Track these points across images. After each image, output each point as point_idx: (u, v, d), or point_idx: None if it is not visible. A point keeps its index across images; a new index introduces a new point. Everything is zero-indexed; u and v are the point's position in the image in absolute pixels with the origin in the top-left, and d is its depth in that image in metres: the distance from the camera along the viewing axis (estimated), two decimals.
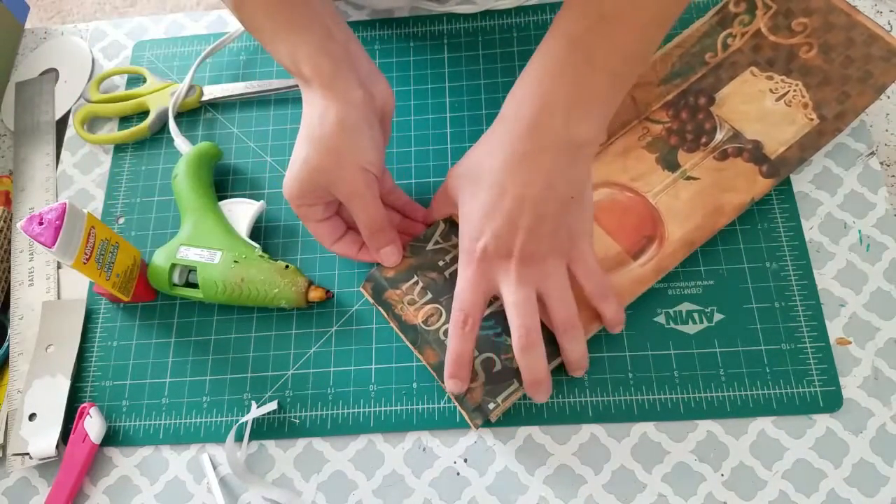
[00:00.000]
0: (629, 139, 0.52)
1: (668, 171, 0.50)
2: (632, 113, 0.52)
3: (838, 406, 0.45)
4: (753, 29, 0.53)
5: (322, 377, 0.49)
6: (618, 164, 0.51)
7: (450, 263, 0.48)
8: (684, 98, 0.52)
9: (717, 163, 0.50)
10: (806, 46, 0.51)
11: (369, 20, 0.62)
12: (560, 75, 0.40)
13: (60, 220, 0.44)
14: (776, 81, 0.51)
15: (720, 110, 0.51)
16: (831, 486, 0.43)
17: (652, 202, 0.49)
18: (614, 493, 0.44)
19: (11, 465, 0.48)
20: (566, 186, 0.42)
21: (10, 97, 0.63)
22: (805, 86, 0.51)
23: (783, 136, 0.50)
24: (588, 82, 0.40)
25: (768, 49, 0.52)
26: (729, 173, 0.49)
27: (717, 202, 0.48)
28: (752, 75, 0.52)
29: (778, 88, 0.51)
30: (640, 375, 0.47)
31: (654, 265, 0.48)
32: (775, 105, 0.51)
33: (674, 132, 0.51)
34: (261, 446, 0.48)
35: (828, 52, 0.51)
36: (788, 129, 0.50)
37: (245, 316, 0.51)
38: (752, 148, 0.50)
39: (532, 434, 0.46)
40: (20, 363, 0.51)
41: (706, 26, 0.54)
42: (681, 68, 0.53)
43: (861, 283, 0.48)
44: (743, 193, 0.49)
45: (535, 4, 0.60)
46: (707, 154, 0.50)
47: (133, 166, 0.58)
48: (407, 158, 0.55)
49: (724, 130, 0.50)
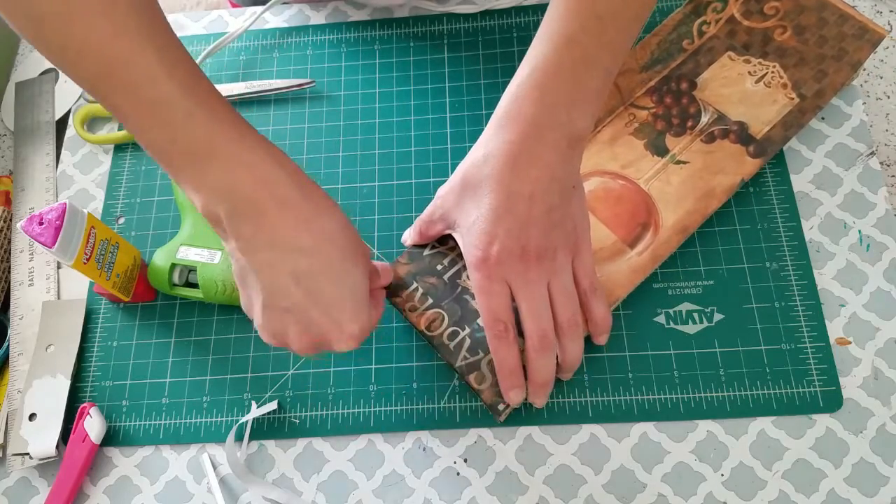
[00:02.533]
0: (616, 126, 0.52)
1: (657, 156, 0.50)
2: (616, 100, 0.53)
3: (838, 406, 0.45)
4: (727, 15, 0.54)
5: (322, 377, 0.49)
6: (607, 152, 0.51)
7: (448, 267, 0.48)
8: (666, 83, 0.53)
9: (705, 145, 0.50)
10: (780, 29, 0.52)
11: (369, 20, 0.62)
12: (558, 74, 0.41)
13: (60, 220, 0.44)
14: (754, 64, 0.52)
15: (702, 94, 0.52)
16: (831, 486, 0.43)
17: (644, 188, 0.50)
18: (614, 493, 0.44)
19: (11, 465, 0.48)
20: (567, 177, 0.43)
21: (10, 97, 0.63)
22: (782, 67, 0.51)
23: (766, 116, 0.50)
24: (584, 78, 0.41)
25: (743, 34, 0.53)
26: (717, 155, 0.50)
27: (707, 185, 0.49)
28: (729, 59, 0.53)
29: (756, 71, 0.52)
30: (640, 375, 0.47)
31: (651, 253, 0.48)
32: (755, 87, 0.51)
33: (659, 117, 0.52)
34: (261, 446, 0.48)
35: (801, 33, 0.52)
36: (771, 108, 0.51)
37: (245, 316, 0.51)
38: (737, 129, 0.50)
39: (532, 434, 0.46)
40: (20, 363, 0.51)
41: (680, 15, 0.55)
42: (660, 55, 0.54)
43: (861, 283, 0.48)
44: (732, 175, 0.49)
45: (535, 4, 0.60)
46: (694, 137, 0.50)
47: (133, 166, 0.58)
48: (407, 158, 0.55)
49: (709, 113, 0.51)
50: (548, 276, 0.43)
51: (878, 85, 0.56)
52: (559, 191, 0.42)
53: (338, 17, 0.62)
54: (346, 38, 0.61)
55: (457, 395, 0.47)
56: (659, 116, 0.52)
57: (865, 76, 0.56)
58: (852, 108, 0.53)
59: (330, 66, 0.60)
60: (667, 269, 0.49)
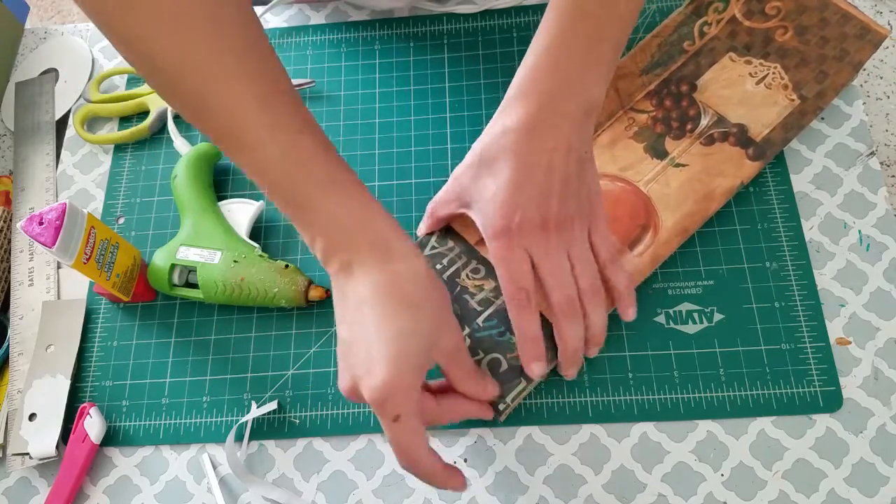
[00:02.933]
0: (616, 130, 0.52)
1: (656, 159, 0.50)
2: (615, 104, 0.53)
3: (838, 406, 0.45)
4: (728, 15, 0.54)
5: (322, 377, 0.49)
6: (606, 155, 0.51)
7: (447, 266, 0.48)
8: (666, 86, 0.53)
9: (705, 148, 0.50)
10: (781, 29, 0.52)
11: (369, 20, 0.62)
12: (572, 47, 0.42)
13: (60, 220, 0.44)
14: (755, 65, 0.52)
15: (702, 96, 0.52)
16: (831, 486, 0.43)
17: (643, 190, 0.50)
18: (614, 493, 0.44)
19: (11, 465, 0.48)
20: (582, 146, 0.44)
21: (10, 97, 0.63)
22: (783, 68, 0.51)
23: (766, 118, 0.50)
24: (597, 51, 0.42)
25: (744, 34, 0.53)
26: (717, 158, 0.50)
27: (706, 188, 0.49)
28: (730, 60, 0.52)
29: (757, 72, 0.52)
30: (640, 375, 0.47)
31: (651, 254, 0.48)
32: (756, 88, 0.51)
33: (659, 120, 0.52)
34: (261, 446, 0.48)
35: (803, 33, 0.52)
36: (771, 110, 0.50)
37: (245, 316, 0.51)
38: (737, 132, 0.50)
39: (532, 434, 0.46)
40: (20, 363, 0.51)
41: (681, 16, 0.55)
42: (660, 58, 0.54)
43: (861, 283, 0.48)
44: (731, 178, 0.49)
45: (535, 4, 0.60)
46: (694, 140, 0.50)
47: (133, 166, 0.58)
48: (407, 158, 0.55)
49: (709, 116, 0.51)
50: (567, 246, 0.43)
51: (878, 85, 0.56)
52: (576, 160, 0.43)
53: (338, 17, 0.62)
54: (346, 38, 0.61)
55: None
56: (658, 120, 0.52)
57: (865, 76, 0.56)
58: (852, 108, 0.53)
59: (330, 66, 0.60)
60: (667, 269, 0.49)
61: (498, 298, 0.46)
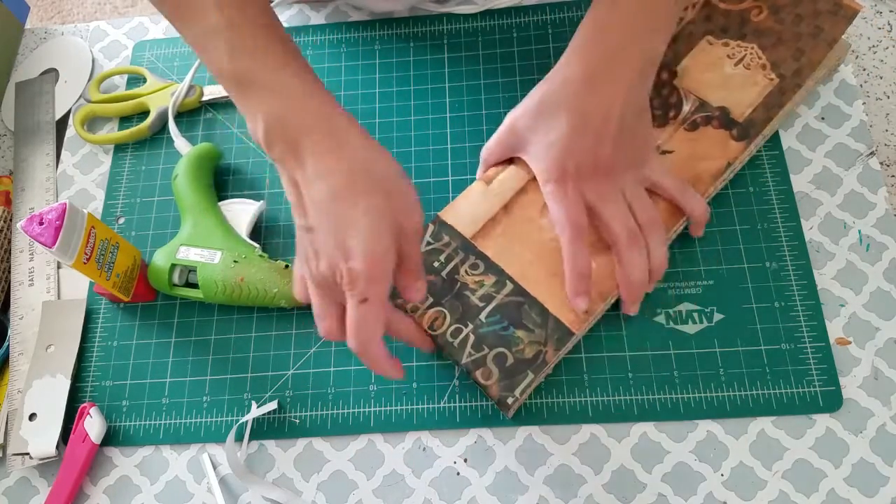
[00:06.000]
0: None
1: None
2: None
3: (838, 406, 0.45)
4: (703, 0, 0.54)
5: (322, 377, 0.49)
6: None
7: (444, 263, 0.48)
8: None
9: (689, 133, 0.50)
10: (756, 10, 0.52)
11: (369, 20, 0.62)
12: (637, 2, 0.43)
13: (60, 220, 0.44)
14: (732, 47, 0.52)
15: (683, 82, 0.52)
16: (831, 486, 0.43)
17: None
18: (614, 493, 0.44)
19: (11, 465, 0.48)
20: (640, 98, 0.45)
21: (10, 97, 0.63)
22: (760, 47, 0.52)
23: (747, 98, 0.51)
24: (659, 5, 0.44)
25: (720, 17, 0.53)
26: (702, 143, 0.50)
27: (694, 172, 0.49)
28: (708, 44, 0.53)
29: (735, 53, 0.52)
30: (640, 375, 0.47)
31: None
32: (735, 70, 0.51)
33: None
34: (261, 446, 0.48)
35: (777, 12, 0.52)
36: (751, 90, 0.51)
37: (245, 316, 0.51)
38: (719, 115, 0.50)
39: (532, 434, 0.46)
40: (20, 363, 0.51)
41: None
42: None
43: (861, 283, 0.48)
44: (718, 160, 0.49)
45: (535, 4, 0.60)
46: (678, 126, 0.50)
47: (133, 166, 0.58)
48: (407, 158, 0.55)
49: (691, 101, 0.51)
50: (622, 188, 0.45)
51: (878, 85, 0.56)
52: (633, 112, 0.44)
53: (338, 18, 0.62)
54: (346, 38, 0.61)
55: (457, 394, 0.47)
56: None
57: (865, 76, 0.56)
58: (852, 108, 0.53)
59: (330, 66, 0.60)
60: (667, 268, 0.49)
61: (499, 293, 0.46)
